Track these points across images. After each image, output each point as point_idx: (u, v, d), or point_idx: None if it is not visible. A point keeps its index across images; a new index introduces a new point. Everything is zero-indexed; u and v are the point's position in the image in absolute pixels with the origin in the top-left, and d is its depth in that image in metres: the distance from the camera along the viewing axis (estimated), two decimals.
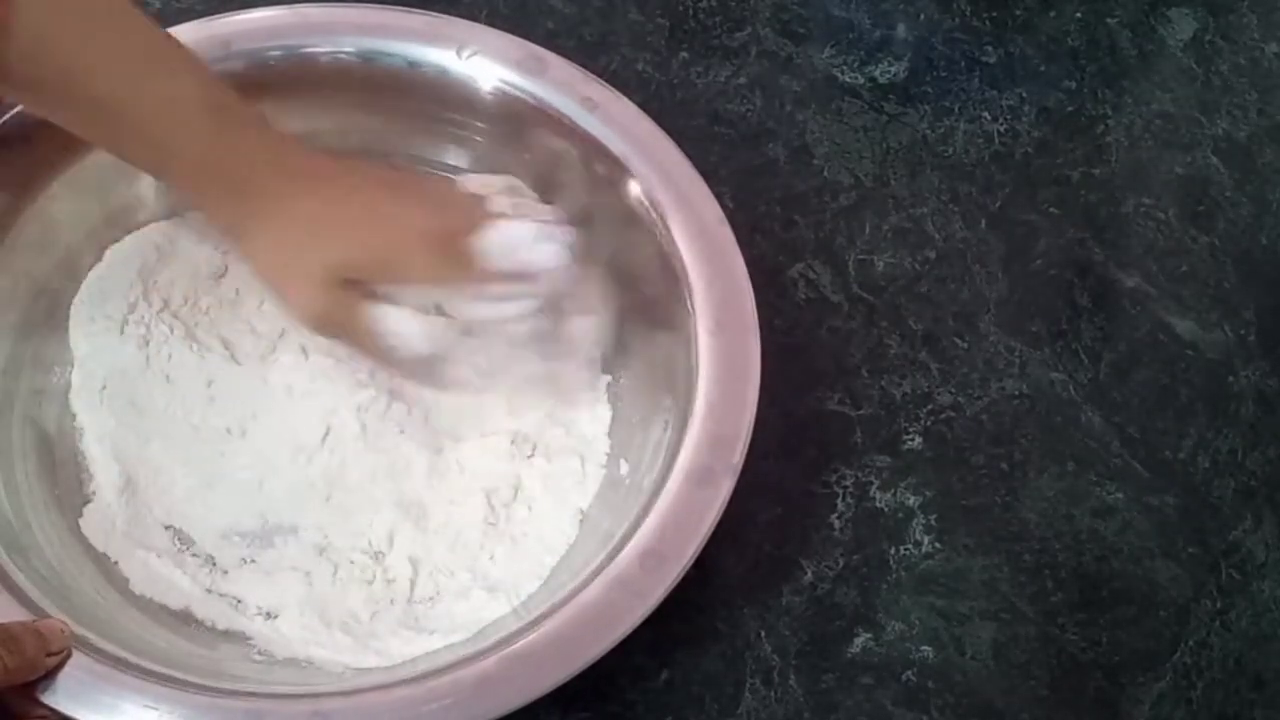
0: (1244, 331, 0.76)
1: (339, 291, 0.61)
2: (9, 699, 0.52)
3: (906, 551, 0.67)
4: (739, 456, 0.59)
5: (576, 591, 0.56)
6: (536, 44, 0.70)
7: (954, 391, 0.72)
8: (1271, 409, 0.73)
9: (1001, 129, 0.82)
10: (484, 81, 0.69)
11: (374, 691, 0.54)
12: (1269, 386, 0.74)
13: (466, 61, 0.69)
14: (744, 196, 0.76)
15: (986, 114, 0.83)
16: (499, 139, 0.71)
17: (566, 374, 0.66)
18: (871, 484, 0.69)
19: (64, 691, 0.52)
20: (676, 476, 0.59)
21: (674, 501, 0.58)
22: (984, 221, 0.78)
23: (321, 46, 0.70)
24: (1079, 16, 0.87)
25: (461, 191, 0.66)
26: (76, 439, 0.65)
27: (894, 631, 0.65)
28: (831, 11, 0.86)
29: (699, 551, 0.57)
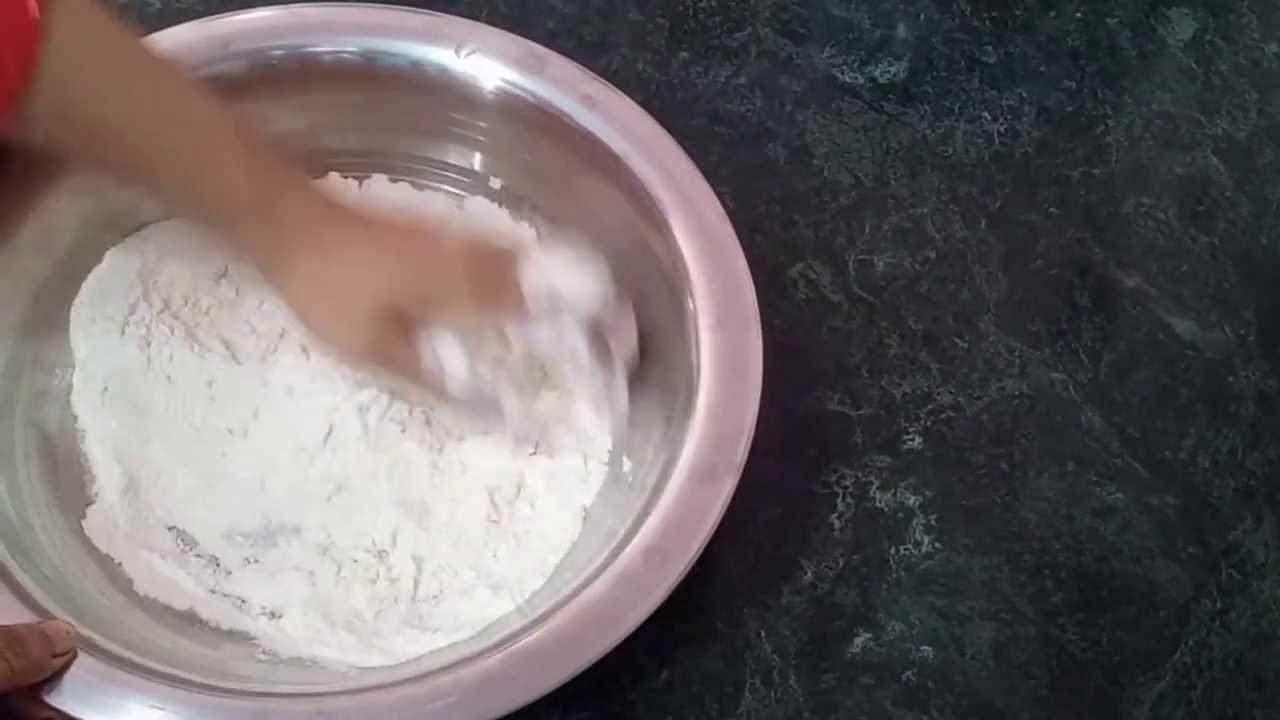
0: (1244, 331, 0.76)
1: (385, 325, 0.61)
2: (15, 701, 0.52)
3: (906, 551, 0.67)
4: (742, 453, 0.59)
5: (581, 589, 0.56)
6: (536, 44, 0.70)
7: (954, 391, 0.72)
8: (1271, 409, 0.73)
9: (1001, 129, 0.82)
10: (484, 80, 0.69)
11: (379, 690, 0.54)
12: (1269, 386, 0.74)
13: (466, 60, 0.69)
14: (744, 196, 0.76)
15: (986, 114, 0.83)
16: (500, 138, 0.71)
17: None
18: (871, 484, 0.69)
19: (70, 693, 0.52)
20: (679, 473, 0.59)
21: (677, 498, 0.58)
22: (984, 221, 0.78)
23: (322, 46, 0.70)
24: (1079, 16, 0.88)
25: (488, 233, 0.68)
26: (78, 440, 0.65)
27: (894, 631, 0.65)
28: (831, 11, 0.86)
29: (703, 548, 0.57)
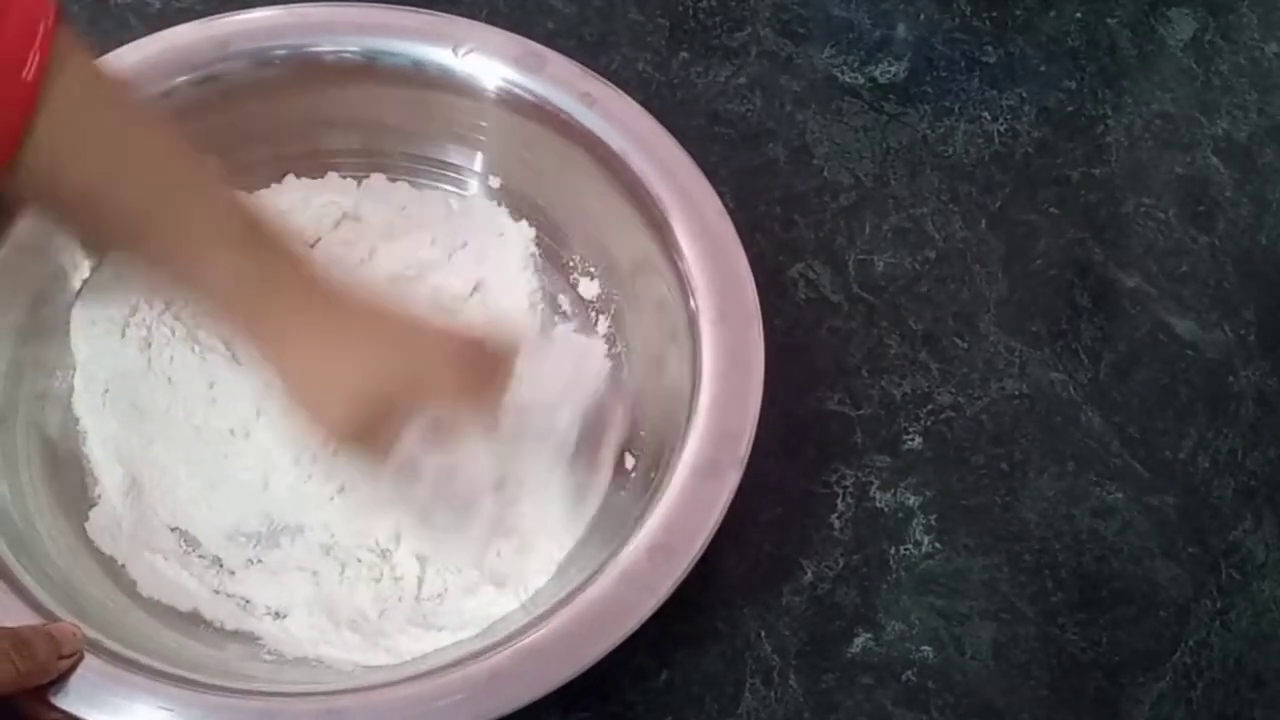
0: (1244, 331, 0.76)
1: (372, 408, 0.60)
2: (21, 703, 0.52)
3: (906, 551, 0.67)
4: (745, 448, 0.59)
5: (585, 586, 0.56)
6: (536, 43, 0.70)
7: (954, 391, 0.72)
8: (1271, 409, 0.73)
9: (1001, 129, 0.82)
10: (484, 80, 0.69)
11: (384, 689, 0.54)
12: (1269, 386, 0.74)
13: (466, 60, 0.69)
14: (744, 196, 0.76)
15: (986, 114, 0.83)
16: (500, 137, 0.71)
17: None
18: (871, 484, 0.69)
19: (76, 694, 0.52)
20: (682, 470, 0.59)
21: (680, 495, 0.58)
22: (984, 221, 0.78)
23: (322, 46, 0.70)
24: (1079, 16, 0.88)
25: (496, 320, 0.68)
26: (80, 442, 0.65)
27: (894, 631, 0.65)
28: (831, 11, 0.86)
29: (707, 545, 0.57)
